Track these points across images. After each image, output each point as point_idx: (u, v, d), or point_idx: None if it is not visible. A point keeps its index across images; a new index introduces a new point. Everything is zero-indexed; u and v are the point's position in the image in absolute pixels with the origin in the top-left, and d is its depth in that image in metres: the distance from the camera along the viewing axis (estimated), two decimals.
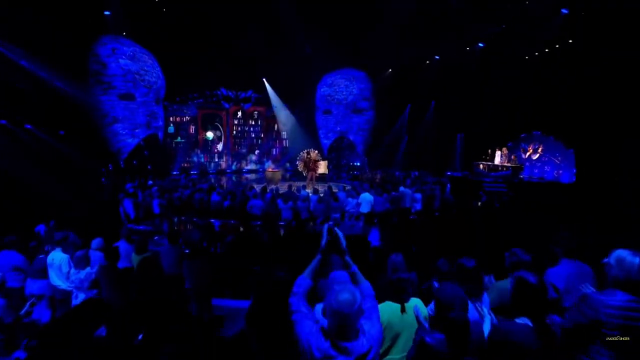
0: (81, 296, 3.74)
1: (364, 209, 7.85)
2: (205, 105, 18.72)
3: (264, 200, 7.93)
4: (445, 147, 16.86)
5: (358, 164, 20.06)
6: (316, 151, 13.16)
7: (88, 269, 3.96)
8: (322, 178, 14.45)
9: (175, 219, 7.90)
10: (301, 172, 13.04)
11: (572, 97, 11.02)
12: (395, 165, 17.90)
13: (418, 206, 8.86)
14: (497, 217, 6.33)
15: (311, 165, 12.48)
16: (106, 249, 4.37)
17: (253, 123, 20.59)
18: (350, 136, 20.15)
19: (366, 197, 7.92)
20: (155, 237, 6.13)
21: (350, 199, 7.88)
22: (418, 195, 8.94)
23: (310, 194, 8.61)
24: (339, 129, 20.09)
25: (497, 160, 12.62)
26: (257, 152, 20.75)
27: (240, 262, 4.32)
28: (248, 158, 20.52)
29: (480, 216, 6.56)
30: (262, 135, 20.91)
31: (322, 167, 14.16)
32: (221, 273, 4.02)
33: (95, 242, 4.45)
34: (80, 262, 3.96)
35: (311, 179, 12.60)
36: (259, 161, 20.77)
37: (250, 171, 19.99)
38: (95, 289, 3.80)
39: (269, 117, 20.82)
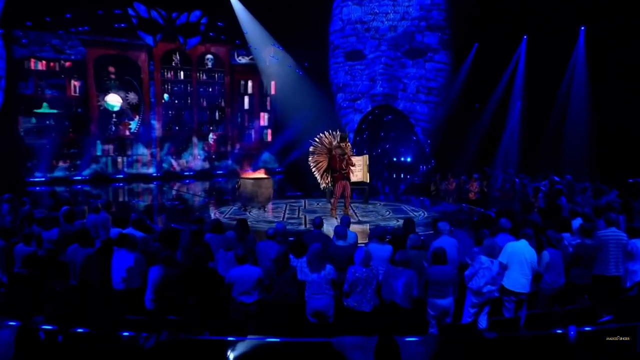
0: None
1: (518, 283, 6.51)
2: (101, 41, 18.06)
3: (258, 261, 7.00)
4: (607, 123, 15.31)
5: (409, 159, 19.45)
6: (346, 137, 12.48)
7: None
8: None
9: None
10: (318, 181, 12.69)
11: None
12: (495, 163, 16.73)
13: (638, 273, 7.40)
14: None
15: (344, 165, 11.75)
16: None
17: (205, 78, 20.24)
18: (401, 104, 19.25)
19: (519, 249, 6.60)
20: None
21: (481, 258, 6.39)
22: (636, 245, 7.41)
23: (356, 241, 7.70)
24: (379, 89, 19.21)
25: None
26: (212, 136, 20.24)
27: None
28: (194, 148, 19.82)
29: None
30: (224, 104, 20.56)
31: (362, 170, 13.45)
32: None
33: None
34: None
35: (342, 196, 11.92)
36: (218, 155, 20.47)
37: (201, 175, 19.87)
38: None
39: (239, 68, 20.46)
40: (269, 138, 21.46)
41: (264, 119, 21.33)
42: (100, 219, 8.44)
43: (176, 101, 19.82)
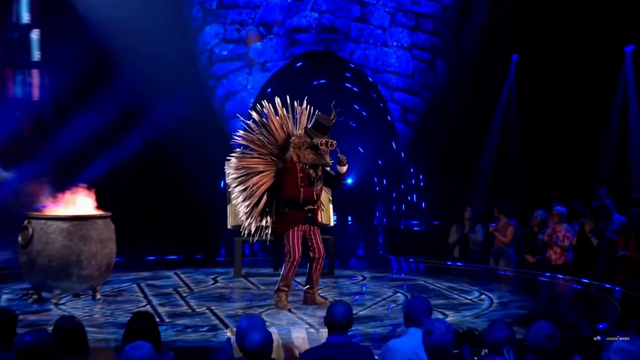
0: None
1: None
2: None
3: None
4: None
5: (351, 180, 17.46)
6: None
7: None
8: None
9: None
10: (242, 220, 11.35)
11: None
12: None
13: None
14: None
15: (317, 191, 10.79)
16: None
17: None
18: (356, 51, 17.27)
19: None
20: None
21: None
22: None
23: None
24: (311, 16, 16.96)
25: None
26: None
27: None
28: None
29: None
30: None
31: (325, 202, 12.43)
32: None
33: None
34: None
35: (305, 258, 10.99)
36: None
37: None
38: None
39: None
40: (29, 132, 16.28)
41: (13, 85, 15.77)
42: None
43: None
